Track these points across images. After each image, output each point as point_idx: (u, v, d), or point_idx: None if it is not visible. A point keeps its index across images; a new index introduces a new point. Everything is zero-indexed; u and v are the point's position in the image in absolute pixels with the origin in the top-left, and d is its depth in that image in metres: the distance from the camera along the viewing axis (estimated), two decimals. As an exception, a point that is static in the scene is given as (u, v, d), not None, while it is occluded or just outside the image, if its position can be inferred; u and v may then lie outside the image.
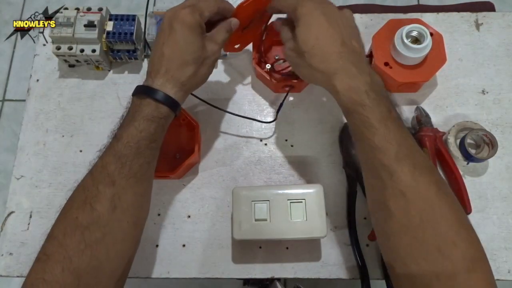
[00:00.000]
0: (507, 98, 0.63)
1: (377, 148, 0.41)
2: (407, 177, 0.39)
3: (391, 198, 0.40)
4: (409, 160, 0.40)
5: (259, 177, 0.60)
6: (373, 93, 0.42)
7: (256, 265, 0.56)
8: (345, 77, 0.43)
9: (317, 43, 0.44)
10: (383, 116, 0.41)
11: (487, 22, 0.67)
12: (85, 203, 0.42)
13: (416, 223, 0.39)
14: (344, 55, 0.43)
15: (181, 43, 0.46)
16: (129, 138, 0.44)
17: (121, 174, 0.43)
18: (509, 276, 0.55)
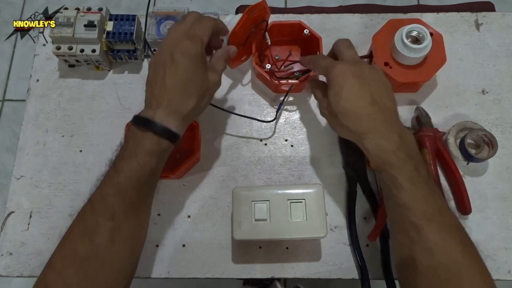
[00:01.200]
0: (507, 98, 0.63)
1: (405, 206, 0.42)
2: (435, 236, 0.41)
3: (418, 254, 0.42)
4: (437, 219, 0.42)
5: (259, 177, 0.60)
6: (402, 153, 0.43)
7: (256, 265, 0.56)
8: (375, 137, 0.44)
9: (348, 105, 0.46)
10: (411, 176, 0.43)
11: (487, 22, 0.67)
12: (84, 235, 0.43)
13: (442, 280, 0.40)
14: (374, 116, 0.45)
15: (184, 75, 0.46)
16: (131, 172, 0.44)
17: (120, 207, 0.44)
18: (509, 276, 0.55)
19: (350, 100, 0.45)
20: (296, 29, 0.63)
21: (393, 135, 0.44)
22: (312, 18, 0.68)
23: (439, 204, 0.43)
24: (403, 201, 0.42)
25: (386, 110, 0.46)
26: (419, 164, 0.44)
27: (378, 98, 0.46)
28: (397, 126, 0.46)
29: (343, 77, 0.46)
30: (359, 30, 0.67)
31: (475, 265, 0.41)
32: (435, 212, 0.42)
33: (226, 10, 1.52)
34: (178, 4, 1.54)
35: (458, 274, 0.40)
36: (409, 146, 0.45)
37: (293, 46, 0.65)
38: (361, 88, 0.46)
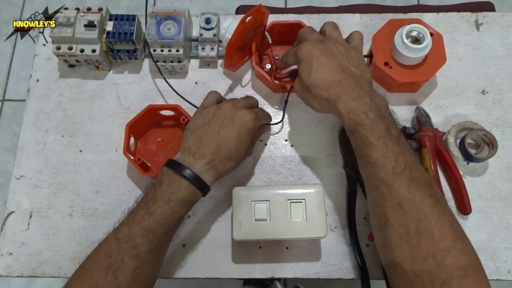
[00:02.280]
0: (507, 98, 0.63)
1: (375, 163, 0.44)
2: (404, 190, 0.42)
3: (389, 209, 0.43)
4: (406, 174, 0.43)
5: (259, 177, 0.60)
6: (372, 113, 0.45)
7: (256, 265, 0.56)
8: (347, 100, 0.46)
9: (317, 75, 0.47)
10: (381, 134, 0.44)
11: (487, 22, 0.67)
12: (108, 271, 0.44)
13: (413, 233, 0.41)
14: (344, 82, 0.47)
15: (236, 141, 0.50)
16: (162, 217, 0.46)
17: (146, 248, 0.45)
18: (509, 276, 0.55)
19: (319, 71, 0.47)
20: (296, 29, 0.62)
21: (364, 98, 0.45)
22: (312, 18, 0.68)
23: (409, 160, 0.44)
24: (373, 159, 0.44)
25: (357, 77, 0.48)
26: (390, 124, 0.45)
27: (347, 67, 0.48)
28: (368, 90, 0.47)
29: (310, 53, 0.48)
30: (359, 30, 0.67)
31: (444, 217, 0.41)
32: (405, 167, 0.43)
33: (226, 10, 1.52)
34: (178, 4, 1.54)
35: (428, 226, 0.41)
36: (380, 107, 0.46)
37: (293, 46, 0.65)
38: (328, 59, 0.48)
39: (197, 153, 0.49)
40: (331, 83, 0.47)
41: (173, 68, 0.64)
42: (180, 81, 0.66)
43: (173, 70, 0.65)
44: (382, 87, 0.64)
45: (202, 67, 0.67)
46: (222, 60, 0.67)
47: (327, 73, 0.47)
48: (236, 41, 0.55)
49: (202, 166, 0.49)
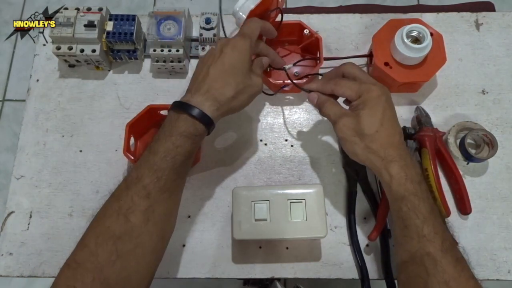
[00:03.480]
0: (507, 98, 0.63)
1: (425, 237, 0.43)
2: (451, 269, 0.42)
3: (435, 286, 0.42)
4: (452, 253, 0.43)
5: (259, 177, 0.60)
6: (424, 185, 0.45)
7: (256, 265, 0.56)
8: (403, 166, 0.45)
9: (382, 130, 0.46)
10: (432, 209, 0.45)
11: (487, 22, 0.67)
12: (119, 213, 0.43)
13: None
14: (401, 145, 0.47)
15: (228, 65, 0.48)
16: (166, 152, 0.45)
17: (156, 187, 0.44)
18: (509, 276, 0.55)
19: (385, 125, 0.46)
20: (296, 29, 0.63)
21: (416, 166, 0.46)
22: (312, 18, 0.68)
23: (452, 238, 0.45)
24: (424, 232, 0.43)
25: (404, 140, 0.48)
26: (431, 200, 0.46)
27: (400, 129, 0.48)
28: (414, 159, 0.48)
29: (380, 100, 0.47)
30: (359, 30, 0.68)
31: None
32: (450, 245, 0.43)
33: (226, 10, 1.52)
34: (178, 4, 1.54)
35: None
36: (424, 180, 0.46)
37: (293, 46, 0.65)
38: (393, 116, 0.47)
39: (193, 89, 0.48)
40: (392, 143, 0.46)
41: (173, 68, 0.64)
42: (180, 81, 0.66)
43: (173, 70, 0.65)
44: (382, 87, 0.64)
45: (202, 67, 0.66)
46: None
47: (391, 130, 0.46)
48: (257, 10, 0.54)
49: (199, 98, 0.47)
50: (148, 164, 0.45)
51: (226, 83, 0.48)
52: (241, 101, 0.50)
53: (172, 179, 0.46)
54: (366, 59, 0.65)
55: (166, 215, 0.47)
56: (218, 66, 0.48)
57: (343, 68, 0.52)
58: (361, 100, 0.48)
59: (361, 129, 0.47)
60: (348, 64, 0.52)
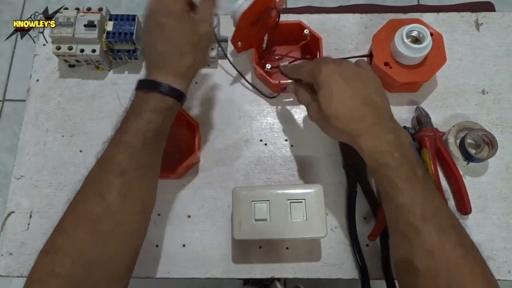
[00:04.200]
0: (507, 98, 0.63)
1: (403, 207, 0.42)
2: (433, 238, 0.40)
3: (418, 255, 0.41)
4: (435, 220, 0.41)
5: (259, 177, 0.60)
6: (397, 153, 0.43)
7: (256, 265, 0.56)
8: (370, 138, 0.44)
9: (339, 107, 0.45)
10: (407, 176, 0.42)
11: (487, 22, 0.67)
12: (95, 194, 0.42)
13: (443, 285, 0.39)
14: (367, 116, 0.45)
15: (173, 35, 0.47)
16: (137, 129, 0.45)
17: (130, 164, 0.44)
18: (509, 276, 0.55)
19: (342, 102, 0.45)
20: (296, 29, 0.63)
21: (388, 135, 0.44)
22: (312, 18, 0.68)
23: (437, 204, 0.43)
24: (400, 202, 0.42)
25: (379, 109, 0.46)
26: (415, 164, 0.44)
27: (369, 97, 0.46)
28: (392, 125, 0.45)
29: (332, 79, 0.46)
30: (359, 30, 0.68)
31: (477, 269, 0.40)
32: (433, 212, 0.42)
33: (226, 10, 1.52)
34: (178, 4, 1.54)
35: (460, 279, 0.39)
36: (404, 145, 0.44)
37: (293, 46, 0.65)
38: (350, 88, 0.45)
39: (151, 67, 0.48)
40: (353, 117, 0.45)
41: (173, 68, 0.64)
42: (180, 81, 0.66)
43: (173, 70, 0.65)
44: (382, 87, 0.64)
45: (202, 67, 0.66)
46: (222, 60, 0.66)
47: (349, 104, 0.45)
48: (253, 10, 0.54)
49: (162, 75, 0.47)
50: (120, 143, 0.44)
51: (180, 53, 0.47)
52: (200, 59, 0.50)
53: (146, 154, 0.45)
54: (366, 59, 0.65)
55: (144, 192, 0.46)
56: (164, 40, 0.47)
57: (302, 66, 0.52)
58: (315, 83, 0.47)
59: (323, 112, 0.46)
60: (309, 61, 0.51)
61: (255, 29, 0.58)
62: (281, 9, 0.60)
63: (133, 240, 0.45)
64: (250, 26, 0.57)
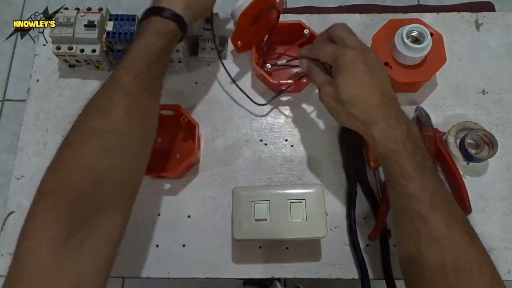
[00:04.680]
0: (507, 98, 0.63)
1: (412, 195, 0.42)
2: (441, 225, 0.41)
3: (425, 244, 0.41)
4: (443, 209, 0.42)
5: (259, 177, 0.60)
6: (410, 143, 0.44)
7: (256, 265, 0.56)
8: (385, 127, 0.44)
9: (359, 94, 0.45)
10: (418, 166, 0.43)
11: (487, 22, 0.67)
12: (101, 112, 0.43)
13: (450, 269, 0.40)
14: (384, 106, 0.45)
15: None
16: (139, 51, 0.45)
17: (134, 85, 0.44)
18: (509, 276, 0.55)
19: (362, 89, 0.45)
20: (296, 29, 0.63)
21: (402, 125, 0.45)
22: (312, 18, 0.68)
23: (445, 194, 0.43)
24: (410, 191, 0.42)
25: (394, 101, 0.47)
26: (425, 155, 0.44)
27: (387, 89, 0.46)
28: (405, 117, 0.46)
29: (354, 65, 0.46)
30: (359, 30, 0.67)
31: (482, 257, 0.41)
32: (441, 202, 0.42)
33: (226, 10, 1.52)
34: (178, 4, 1.54)
35: (466, 265, 0.39)
36: (416, 137, 0.45)
37: (293, 46, 0.65)
38: (372, 77, 0.46)
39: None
40: (371, 106, 0.45)
41: (173, 68, 0.64)
42: (180, 81, 0.66)
43: (173, 70, 0.65)
44: (382, 87, 0.64)
45: (202, 67, 0.66)
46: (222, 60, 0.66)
47: (369, 92, 0.45)
48: (253, 9, 0.54)
49: (166, 2, 0.48)
50: (125, 65, 0.45)
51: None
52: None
53: (148, 77, 0.45)
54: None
55: (148, 114, 0.46)
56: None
57: (331, 30, 0.51)
58: (336, 66, 0.47)
59: (339, 96, 0.46)
60: (336, 26, 0.51)
61: (255, 29, 0.58)
62: (281, 9, 0.60)
63: (137, 160, 0.45)
64: (250, 25, 0.57)
